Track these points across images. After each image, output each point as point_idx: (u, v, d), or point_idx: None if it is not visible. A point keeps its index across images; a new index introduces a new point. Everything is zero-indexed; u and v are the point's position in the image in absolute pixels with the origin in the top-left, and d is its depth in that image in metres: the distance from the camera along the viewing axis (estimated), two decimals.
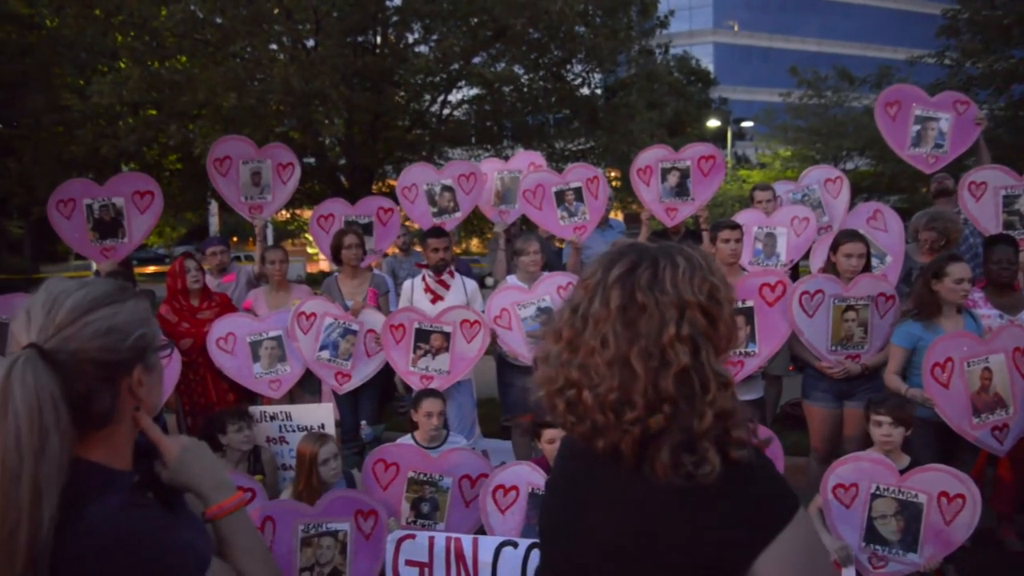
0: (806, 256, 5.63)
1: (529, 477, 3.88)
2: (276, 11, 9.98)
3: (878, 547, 3.45)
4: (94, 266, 6.12)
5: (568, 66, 13.24)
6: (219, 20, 10.17)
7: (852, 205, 5.86)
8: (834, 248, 4.45)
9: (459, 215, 6.08)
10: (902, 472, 3.47)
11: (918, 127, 5.47)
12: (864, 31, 45.34)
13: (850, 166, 24.99)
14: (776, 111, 27.30)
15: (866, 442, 3.81)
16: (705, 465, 1.14)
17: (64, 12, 10.55)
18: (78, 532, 1.07)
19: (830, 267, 4.49)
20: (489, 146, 14.73)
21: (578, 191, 5.67)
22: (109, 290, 1.22)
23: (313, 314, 5.13)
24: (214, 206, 18.09)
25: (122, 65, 10.70)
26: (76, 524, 1.08)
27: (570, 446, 1.42)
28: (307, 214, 14.55)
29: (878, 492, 3.47)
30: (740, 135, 37.34)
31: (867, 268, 4.45)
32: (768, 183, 6.31)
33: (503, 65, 11.95)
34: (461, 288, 5.31)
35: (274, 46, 10.75)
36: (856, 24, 46.18)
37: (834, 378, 4.36)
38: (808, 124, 25.81)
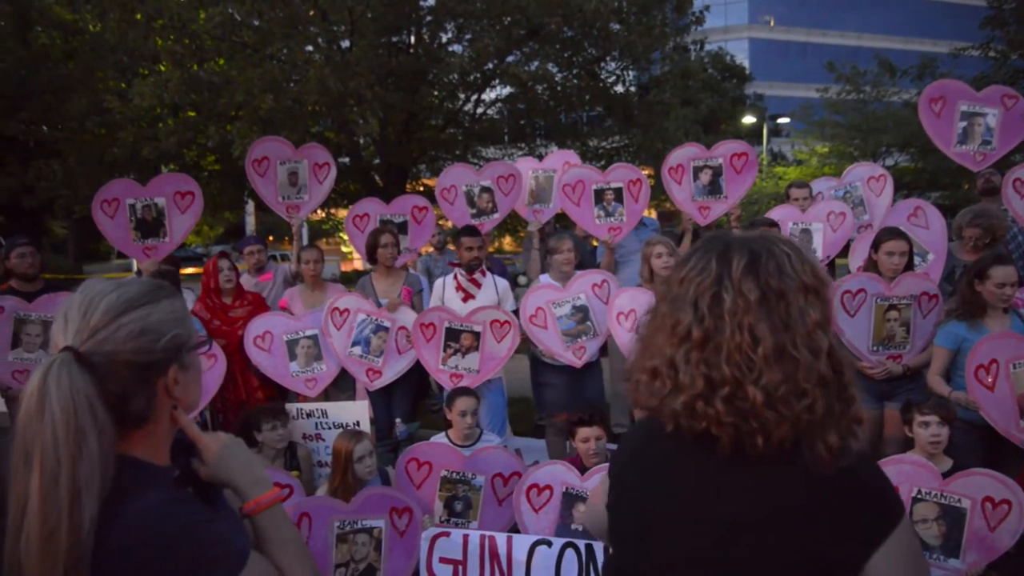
0: (843, 253, 5.53)
1: (563, 477, 3.87)
2: (312, 12, 10.08)
3: None
4: (135, 265, 6.24)
5: (602, 64, 13.17)
6: (256, 22, 10.31)
7: (892, 202, 5.75)
8: (875, 246, 4.36)
9: (497, 216, 6.10)
10: (944, 475, 3.39)
11: (964, 123, 5.33)
12: (905, 24, 44.34)
13: (890, 162, 24.50)
14: (813, 107, 26.86)
15: (907, 444, 3.73)
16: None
17: (106, 17, 10.77)
18: (121, 526, 1.10)
19: (871, 265, 4.41)
20: (523, 144, 14.72)
21: (618, 192, 5.65)
22: (143, 291, 1.24)
23: (346, 310, 5.19)
24: (250, 205, 18.36)
25: (162, 68, 10.90)
26: (119, 518, 1.10)
27: (659, 441, 1.33)
28: (342, 213, 14.71)
29: (919, 496, 3.39)
30: (776, 132, 36.82)
31: (909, 266, 4.36)
32: (805, 180, 6.22)
33: (537, 64, 11.94)
34: (492, 287, 5.32)
35: (309, 47, 10.86)
36: (896, 17, 45.16)
37: (875, 379, 4.28)
38: (847, 120, 25.35)
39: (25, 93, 12.96)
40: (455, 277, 5.34)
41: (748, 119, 31.34)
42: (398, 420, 5.21)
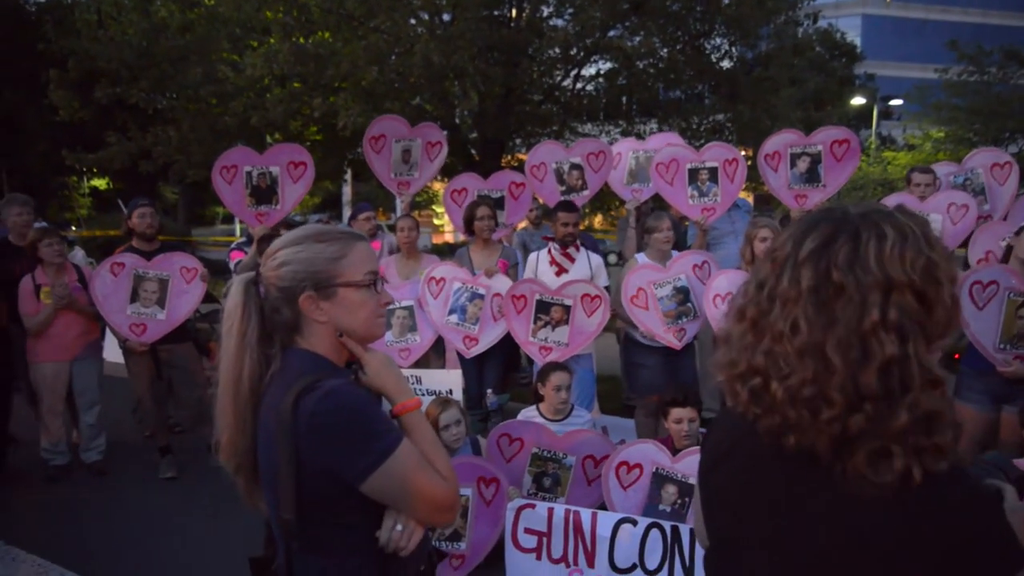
0: (963, 245, 5.22)
1: (654, 456, 3.85)
2: None
3: None
4: (238, 231, 6.51)
5: (708, 39, 12.77)
6: None
7: (1018, 193, 5.39)
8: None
9: (587, 193, 6.06)
10: None
11: None
12: None
13: (1013, 149, 22.81)
14: (930, 88, 25.19)
15: (1022, 450, 3.51)
16: (888, 474, 1.02)
17: None
18: (315, 397, 1.49)
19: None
20: (622, 121, 14.47)
21: (713, 171, 5.50)
22: (302, 235, 1.65)
23: (442, 279, 5.29)
24: (347, 175, 18.82)
25: (272, 40, 11.26)
26: (317, 391, 1.50)
27: (743, 438, 1.23)
28: (436, 186, 14.91)
29: None
30: (887, 114, 34.87)
31: None
32: (928, 166, 5.87)
33: (640, 38, 11.68)
34: (586, 262, 5.31)
35: (412, 20, 10.98)
36: None
37: (1002, 377, 4.03)
38: (967, 103, 23.67)
39: (145, 64, 13.59)
40: (549, 251, 5.35)
41: (857, 100, 29.76)
42: (489, 391, 5.28)
